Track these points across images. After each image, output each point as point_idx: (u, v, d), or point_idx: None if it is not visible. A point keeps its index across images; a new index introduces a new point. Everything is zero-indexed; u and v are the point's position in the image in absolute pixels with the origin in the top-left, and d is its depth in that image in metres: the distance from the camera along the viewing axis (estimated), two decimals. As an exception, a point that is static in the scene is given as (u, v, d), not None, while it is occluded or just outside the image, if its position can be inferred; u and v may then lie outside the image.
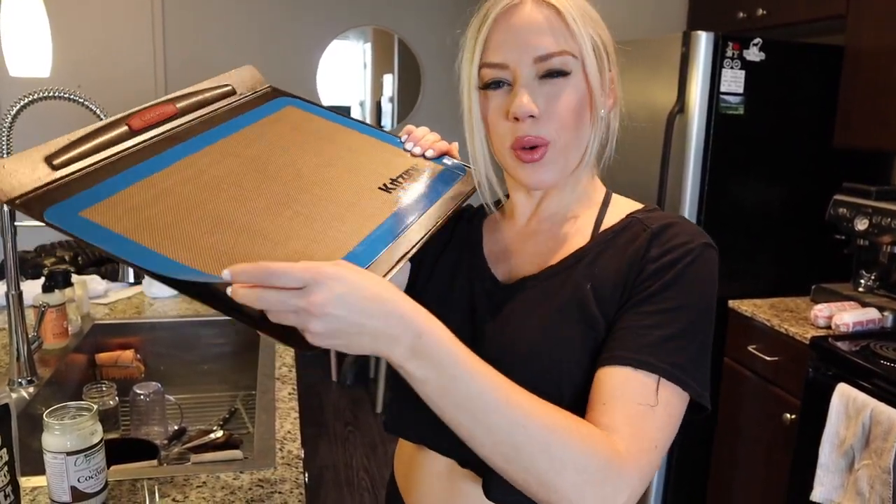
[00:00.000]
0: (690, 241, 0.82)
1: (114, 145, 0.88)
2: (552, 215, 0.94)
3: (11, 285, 1.49)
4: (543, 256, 0.91)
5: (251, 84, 1.09)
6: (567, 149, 0.86)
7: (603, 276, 0.84)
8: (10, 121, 1.41)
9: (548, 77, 0.83)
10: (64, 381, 1.68)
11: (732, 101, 2.38)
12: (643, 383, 0.75)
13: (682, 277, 0.80)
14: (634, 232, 0.86)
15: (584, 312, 0.82)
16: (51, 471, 1.04)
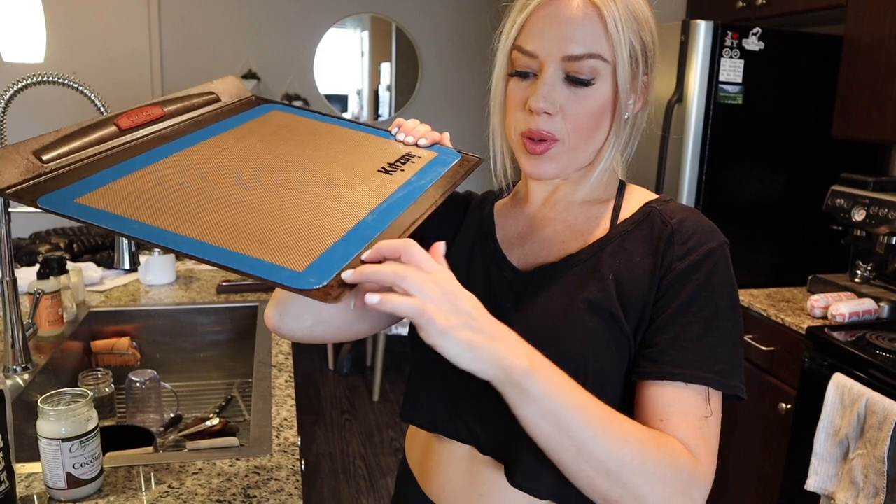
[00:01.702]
0: (711, 240, 0.83)
1: (102, 143, 0.87)
2: (568, 203, 0.93)
3: (5, 272, 1.48)
4: (561, 245, 0.91)
5: (235, 93, 1.09)
6: (577, 149, 0.86)
7: (626, 268, 0.84)
8: (4, 105, 1.40)
9: (573, 81, 0.82)
10: (59, 369, 1.67)
11: (731, 90, 2.38)
12: (695, 397, 0.78)
13: (712, 282, 0.81)
14: (654, 223, 0.87)
15: (607, 303, 0.82)
16: (46, 457, 1.04)
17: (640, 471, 0.71)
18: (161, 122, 0.95)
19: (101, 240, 2.38)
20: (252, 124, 1.01)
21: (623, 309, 0.82)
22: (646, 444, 0.73)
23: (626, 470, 0.71)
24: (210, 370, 1.98)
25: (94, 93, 1.42)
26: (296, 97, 4.53)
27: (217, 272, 2.33)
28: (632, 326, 0.82)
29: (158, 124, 0.95)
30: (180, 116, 0.98)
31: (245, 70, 4.43)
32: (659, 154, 2.46)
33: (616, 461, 0.71)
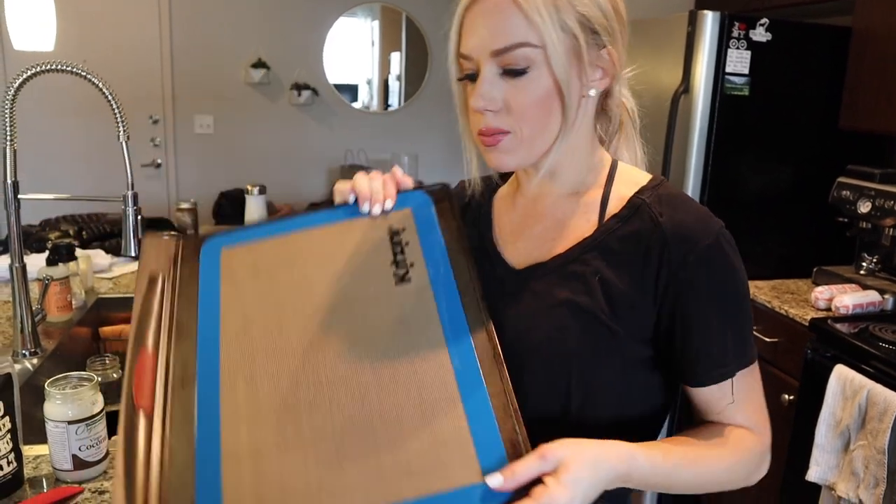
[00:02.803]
0: (707, 233, 0.83)
1: None
2: (557, 197, 0.93)
3: (15, 258, 1.51)
4: (552, 242, 0.91)
5: (166, 255, 0.94)
6: (532, 139, 0.85)
7: (614, 269, 0.85)
8: (14, 93, 1.42)
9: (509, 73, 0.82)
10: (67, 354, 1.70)
11: (738, 81, 2.37)
12: (742, 380, 0.86)
13: (721, 277, 0.84)
14: (643, 221, 0.86)
15: (591, 306, 0.84)
16: (52, 439, 1.06)
17: (732, 478, 0.87)
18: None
19: (109, 227, 2.41)
20: (227, 295, 0.88)
21: (611, 311, 0.83)
22: (731, 459, 0.86)
23: (723, 484, 0.86)
24: (216, 357, 2.00)
25: (103, 82, 1.44)
26: (305, 87, 4.54)
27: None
28: (626, 328, 0.84)
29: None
30: (162, 333, 0.85)
31: (255, 59, 4.45)
32: (665, 145, 2.46)
33: (716, 485, 0.86)
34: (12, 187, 1.48)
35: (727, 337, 0.84)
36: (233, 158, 4.60)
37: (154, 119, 4.44)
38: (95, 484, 1.07)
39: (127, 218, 1.51)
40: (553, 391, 0.85)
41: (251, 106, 4.59)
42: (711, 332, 0.83)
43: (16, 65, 4.04)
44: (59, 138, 4.22)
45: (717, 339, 0.84)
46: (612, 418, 0.87)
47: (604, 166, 0.93)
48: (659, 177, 0.92)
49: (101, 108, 4.19)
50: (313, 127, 4.71)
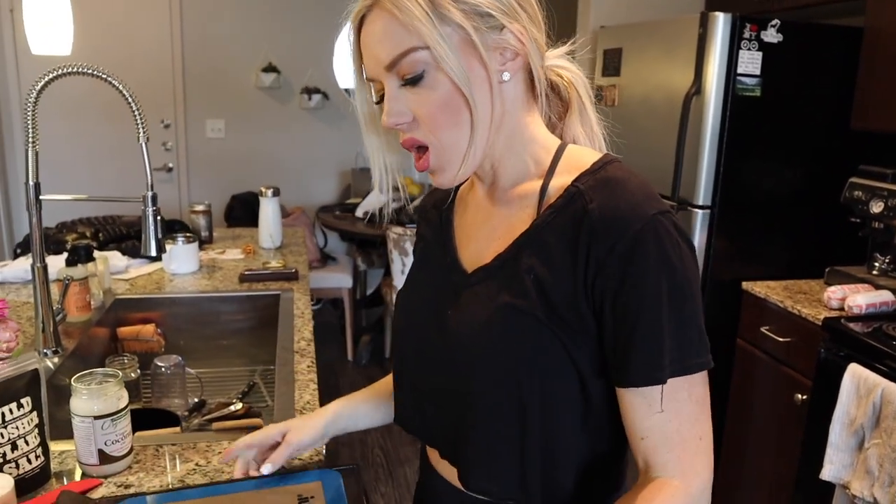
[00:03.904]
0: (635, 220, 0.75)
1: None
2: (503, 192, 0.89)
3: (37, 258, 1.53)
4: (495, 241, 0.87)
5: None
6: (455, 145, 0.80)
7: (546, 265, 0.80)
8: (36, 96, 1.44)
9: (408, 83, 0.78)
10: (87, 354, 1.72)
11: (749, 82, 2.38)
12: (651, 397, 0.77)
13: (644, 267, 0.75)
14: (575, 210, 0.79)
15: (527, 307, 0.79)
16: (79, 434, 1.08)
17: None
18: None
19: (125, 229, 2.43)
20: None
21: (548, 311, 0.78)
22: None
23: None
24: (232, 357, 2.02)
25: (123, 84, 1.46)
26: (315, 90, 4.57)
27: (239, 261, 2.37)
28: (569, 331, 0.78)
29: None
30: None
31: (265, 63, 4.48)
32: (676, 147, 2.47)
33: None
34: (34, 188, 1.49)
35: (662, 335, 0.75)
36: (244, 162, 4.63)
37: (166, 124, 4.48)
38: (121, 478, 1.09)
39: (147, 218, 1.52)
40: (506, 409, 0.81)
41: (262, 110, 4.62)
42: (643, 328, 0.75)
43: (29, 70, 4.08)
44: (72, 142, 4.25)
45: (650, 337, 0.75)
46: (577, 442, 0.83)
47: (546, 153, 0.87)
48: (608, 156, 0.85)
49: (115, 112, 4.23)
50: (324, 130, 4.74)
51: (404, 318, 0.98)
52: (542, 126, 0.88)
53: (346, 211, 4.38)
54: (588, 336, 0.79)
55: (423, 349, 0.92)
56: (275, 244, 2.58)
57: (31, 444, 1.05)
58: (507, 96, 0.82)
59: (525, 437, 0.82)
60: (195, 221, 2.58)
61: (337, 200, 4.80)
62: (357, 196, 4.57)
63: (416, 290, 0.98)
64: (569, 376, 0.80)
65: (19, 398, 1.04)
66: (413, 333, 0.94)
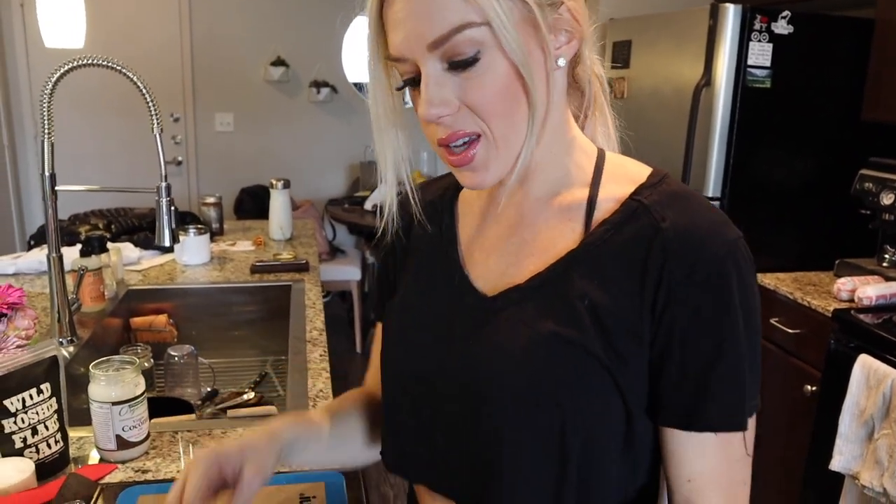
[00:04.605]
0: (718, 245, 0.66)
1: None
2: (535, 200, 0.76)
3: (52, 248, 1.54)
4: (529, 258, 0.74)
5: (87, 492, 1.01)
6: (505, 139, 0.68)
7: (604, 290, 0.68)
8: (52, 87, 1.45)
9: (457, 66, 0.65)
10: (101, 343, 1.73)
11: (759, 74, 2.38)
12: (720, 443, 0.68)
13: (726, 300, 0.66)
14: (641, 228, 0.68)
15: (579, 337, 0.67)
16: (97, 420, 1.09)
17: None
18: None
19: (137, 221, 2.45)
20: None
21: (603, 343, 0.67)
22: None
23: None
24: (244, 348, 2.04)
25: (138, 75, 1.47)
26: (324, 84, 4.58)
27: (250, 252, 2.39)
28: (619, 361, 0.68)
29: None
30: None
31: (274, 57, 4.49)
32: (686, 139, 2.47)
33: None
34: (50, 179, 1.51)
35: (743, 378, 0.67)
36: (253, 156, 4.65)
37: (175, 117, 4.50)
38: (138, 463, 1.10)
39: (161, 209, 1.54)
40: (543, 455, 0.69)
41: (271, 103, 4.63)
42: (724, 368, 0.66)
43: (40, 63, 4.10)
44: (82, 136, 4.28)
45: (731, 379, 0.66)
46: (616, 480, 0.72)
47: (588, 158, 0.76)
48: (661, 171, 0.74)
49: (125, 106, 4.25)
50: (333, 124, 4.75)
51: (401, 349, 0.82)
52: (575, 125, 0.77)
53: (354, 204, 4.40)
54: (642, 371, 0.69)
55: (430, 385, 0.77)
56: (285, 236, 2.59)
57: (50, 430, 1.06)
58: (557, 86, 0.71)
59: (563, 482, 0.70)
60: (206, 214, 2.59)
61: (345, 194, 4.81)
62: (366, 189, 4.58)
63: (414, 315, 0.82)
64: (616, 414, 0.69)
65: (39, 384, 1.05)
66: (415, 366, 0.79)
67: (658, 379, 0.68)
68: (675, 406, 0.68)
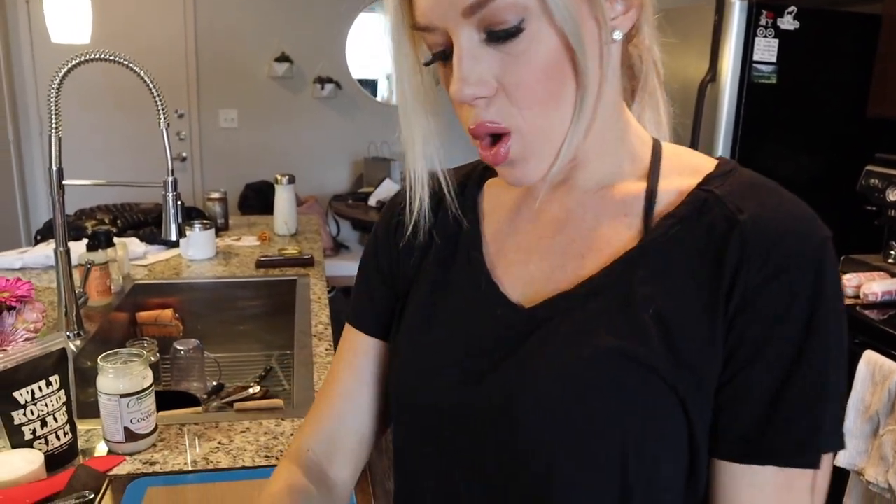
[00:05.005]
0: (807, 243, 0.56)
1: None
2: (582, 194, 0.65)
3: (60, 242, 1.55)
4: (577, 260, 0.63)
5: (96, 483, 1.02)
6: (549, 131, 0.58)
7: (671, 296, 0.57)
8: (59, 81, 1.46)
9: (496, 38, 0.55)
10: (107, 337, 1.74)
11: (765, 70, 2.37)
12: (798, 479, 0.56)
13: (817, 312, 0.54)
14: (713, 222, 0.58)
15: (645, 353, 0.56)
16: (105, 412, 1.10)
17: None
18: None
19: (143, 216, 2.45)
20: None
21: (673, 359, 0.56)
22: None
23: None
24: (250, 342, 2.04)
25: (145, 70, 1.47)
26: (328, 80, 4.58)
27: (255, 247, 2.39)
28: (689, 382, 0.56)
29: None
30: None
31: (278, 53, 4.49)
32: (691, 134, 2.47)
33: None
34: (57, 173, 1.52)
35: (826, 404, 0.55)
36: (257, 152, 4.65)
37: (179, 113, 4.50)
38: (146, 455, 1.11)
39: (167, 203, 1.54)
40: (600, 494, 0.58)
41: (275, 99, 4.63)
42: (774, 386, 0.55)
43: (45, 59, 4.11)
44: (86, 133, 4.28)
45: (813, 405, 0.55)
46: None
47: (643, 146, 0.65)
48: (729, 160, 0.64)
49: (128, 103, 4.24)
50: (337, 120, 4.75)
51: (414, 374, 0.68)
52: (627, 109, 0.67)
53: (358, 200, 4.40)
54: (709, 392, 0.57)
55: (454, 417, 0.64)
56: (290, 231, 2.60)
57: (59, 422, 1.07)
58: (612, 63, 0.60)
59: None
60: (211, 209, 2.60)
61: (349, 189, 4.82)
62: (369, 185, 4.58)
63: (430, 332, 0.68)
64: (680, 444, 0.58)
65: (48, 376, 1.06)
66: (434, 394, 0.66)
67: (716, 400, 0.57)
68: (732, 432, 0.57)
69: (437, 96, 0.64)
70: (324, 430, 0.77)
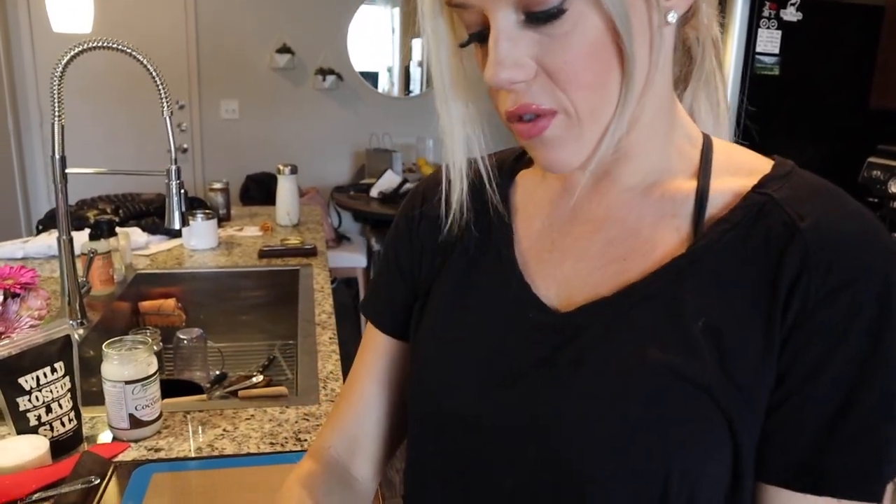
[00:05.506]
0: (876, 255, 0.51)
1: None
2: (625, 191, 0.60)
3: (63, 231, 1.55)
4: (619, 263, 0.59)
5: (102, 468, 1.02)
6: (590, 117, 0.54)
7: (723, 307, 0.53)
8: (62, 69, 1.45)
9: (535, 19, 0.51)
10: (110, 326, 1.74)
11: (768, 61, 2.37)
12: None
13: (884, 335, 0.50)
14: (770, 229, 0.53)
15: (695, 369, 0.52)
16: (110, 399, 1.10)
17: None
18: None
19: (145, 206, 2.45)
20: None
21: (723, 376, 0.52)
22: None
23: None
24: (252, 332, 2.04)
25: (147, 58, 1.47)
26: (330, 71, 4.57)
27: (258, 238, 2.39)
28: (738, 402, 0.52)
29: None
30: None
31: (279, 44, 4.48)
32: (693, 125, 2.47)
33: None
34: (60, 162, 1.51)
35: (858, 431, 0.51)
36: (258, 143, 4.65)
37: (180, 105, 4.49)
38: (150, 442, 1.11)
39: (170, 191, 1.54)
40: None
41: (276, 91, 4.62)
42: (834, 410, 0.51)
43: (45, 49, 4.10)
44: (86, 124, 4.28)
45: (837, 428, 0.51)
46: None
47: (692, 142, 0.61)
48: (786, 161, 0.60)
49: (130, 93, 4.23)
50: (338, 111, 4.74)
51: (436, 379, 0.64)
52: (677, 99, 0.62)
53: (360, 191, 4.39)
54: (758, 411, 0.53)
55: (478, 428, 0.60)
56: (292, 221, 2.60)
57: (64, 408, 1.07)
58: (663, 49, 0.55)
59: None
60: (213, 199, 2.60)
61: (351, 181, 4.81)
62: (371, 176, 4.58)
63: (454, 333, 0.65)
64: (724, 469, 0.54)
65: (52, 363, 1.06)
66: (458, 402, 0.62)
67: (767, 420, 0.53)
68: (786, 456, 0.53)
69: (477, 81, 0.59)
70: (344, 430, 0.76)
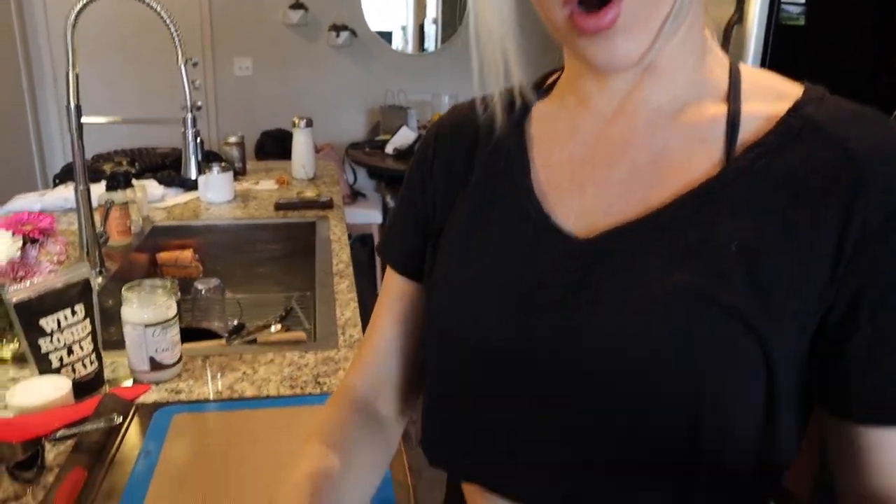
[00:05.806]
0: None
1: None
2: (653, 112, 0.58)
3: (80, 181, 1.54)
4: (646, 189, 0.56)
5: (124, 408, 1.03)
6: (654, 3, 0.51)
7: (761, 232, 0.51)
8: (75, 18, 1.44)
9: None
10: (128, 277, 1.74)
11: (793, 11, 2.31)
12: None
13: None
14: (816, 150, 0.52)
15: (728, 294, 0.51)
16: (130, 342, 1.10)
17: None
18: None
19: (161, 159, 2.45)
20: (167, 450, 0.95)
21: (758, 301, 0.50)
22: None
23: None
24: (269, 284, 2.05)
25: (164, 8, 1.45)
26: (343, 28, 4.51)
27: (273, 191, 2.38)
28: (776, 328, 0.50)
29: None
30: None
31: (293, 0, 4.42)
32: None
33: None
34: (76, 111, 1.50)
35: None
36: (272, 100, 4.61)
37: (194, 62, 4.43)
38: (171, 385, 1.11)
39: (186, 140, 1.53)
40: (668, 439, 0.53)
41: (290, 47, 4.58)
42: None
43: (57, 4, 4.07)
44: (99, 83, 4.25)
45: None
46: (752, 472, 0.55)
47: (721, 66, 0.58)
48: (816, 86, 0.58)
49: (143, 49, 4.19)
50: (352, 68, 4.69)
51: (457, 311, 0.62)
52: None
53: (375, 148, 4.37)
54: (802, 340, 0.52)
55: (503, 360, 0.59)
56: (308, 175, 2.58)
57: (85, 350, 1.07)
58: None
59: (689, 486, 0.54)
60: (228, 153, 2.59)
61: (366, 137, 4.78)
62: (386, 133, 4.54)
63: (473, 265, 0.62)
64: (756, 396, 0.52)
65: (73, 305, 1.06)
66: (481, 334, 0.60)
67: (840, 357, 0.51)
68: (872, 393, 0.51)
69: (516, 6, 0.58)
70: (367, 373, 0.75)
